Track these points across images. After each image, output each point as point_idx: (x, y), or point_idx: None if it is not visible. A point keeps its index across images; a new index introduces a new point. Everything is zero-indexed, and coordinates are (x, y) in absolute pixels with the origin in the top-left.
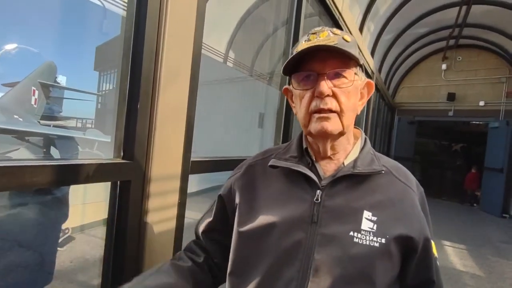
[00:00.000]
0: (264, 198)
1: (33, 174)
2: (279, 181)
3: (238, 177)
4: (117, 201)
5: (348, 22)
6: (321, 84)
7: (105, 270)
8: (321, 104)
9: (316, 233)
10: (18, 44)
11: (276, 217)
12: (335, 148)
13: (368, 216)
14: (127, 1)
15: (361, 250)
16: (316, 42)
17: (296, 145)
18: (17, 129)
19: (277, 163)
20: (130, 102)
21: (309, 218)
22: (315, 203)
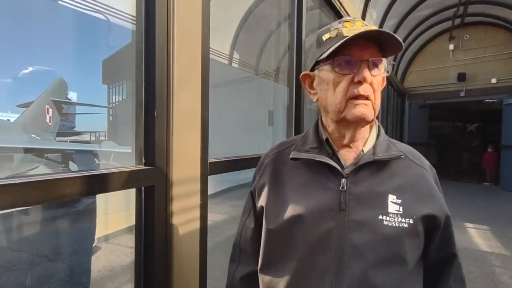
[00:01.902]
0: (289, 192)
1: (65, 186)
2: (302, 173)
3: (260, 177)
4: (143, 206)
5: (350, 11)
6: (365, 70)
7: (137, 273)
8: (361, 90)
9: (346, 220)
10: (31, 64)
11: (304, 209)
12: (357, 136)
13: (393, 200)
14: (136, 14)
15: (391, 231)
16: (358, 29)
17: (313, 136)
18: (35, 147)
19: (298, 155)
20: (147, 110)
21: (337, 206)
22: (341, 191)
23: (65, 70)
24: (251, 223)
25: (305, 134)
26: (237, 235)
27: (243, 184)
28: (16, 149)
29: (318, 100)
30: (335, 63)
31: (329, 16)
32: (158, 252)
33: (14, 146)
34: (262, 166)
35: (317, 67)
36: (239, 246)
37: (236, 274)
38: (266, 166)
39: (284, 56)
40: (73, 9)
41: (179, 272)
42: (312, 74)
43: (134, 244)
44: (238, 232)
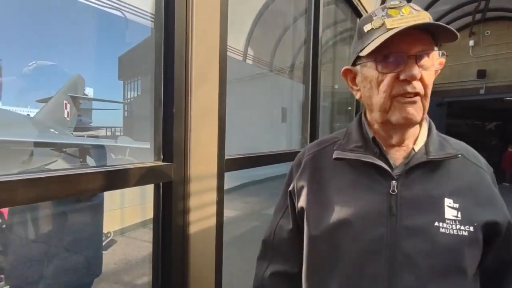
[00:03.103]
0: (332, 194)
1: (87, 181)
2: (346, 174)
3: (298, 177)
4: (161, 202)
5: (368, 7)
6: (410, 66)
7: (155, 267)
8: (408, 87)
9: (398, 226)
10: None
11: (350, 213)
12: (406, 135)
13: (450, 204)
14: (155, 12)
15: (449, 240)
16: (405, 18)
17: (357, 134)
18: (54, 141)
19: (343, 155)
20: (166, 107)
21: (387, 210)
22: (391, 195)
23: (82, 66)
24: (287, 224)
25: (346, 131)
26: (269, 233)
27: (257, 181)
28: (36, 144)
29: (361, 97)
30: (377, 61)
31: (346, 11)
32: (175, 247)
33: (34, 140)
34: (300, 165)
35: (359, 62)
36: (272, 245)
37: (267, 272)
38: (305, 165)
39: (299, 53)
40: (91, 6)
41: (195, 267)
42: (354, 69)
43: (152, 239)
44: (271, 231)
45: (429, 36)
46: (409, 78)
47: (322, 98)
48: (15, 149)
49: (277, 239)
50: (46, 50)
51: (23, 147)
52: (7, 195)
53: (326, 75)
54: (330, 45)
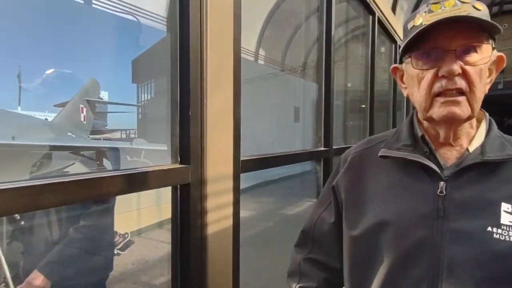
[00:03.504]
0: (375, 194)
1: (108, 184)
2: (391, 173)
3: (342, 173)
4: (179, 204)
5: (379, 3)
6: (449, 61)
7: (173, 268)
8: (448, 84)
9: (445, 229)
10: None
11: (392, 214)
12: (457, 133)
13: (508, 209)
14: (168, 16)
15: (503, 247)
16: (442, 13)
17: (407, 132)
18: (72, 145)
19: (388, 153)
20: (182, 109)
21: (433, 212)
22: (439, 196)
23: (97, 70)
24: (330, 217)
25: (397, 130)
26: (310, 225)
27: (271, 181)
28: (55, 147)
29: (408, 95)
30: (417, 58)
31: (358, 8)
32: (193, 248)
33: (52, 144)
34: (346, 162)
35: (403, 60)
36: (312, 236)
37: (305, 258)
38: (350, 162)
39: (311, 52)
40: (106, 11)
41: (213, 267)
42: (401, 67)
43: (171, 240)
44: (311, 223)
45: (478, 29)
46: (447, 74)
47: (335, 96)
48: (34, 153)
49: (317, 231)
50: (63, 56)
51: (43, 151)
52: (31, 200)
53: (339, 73)
54: (342, 42)
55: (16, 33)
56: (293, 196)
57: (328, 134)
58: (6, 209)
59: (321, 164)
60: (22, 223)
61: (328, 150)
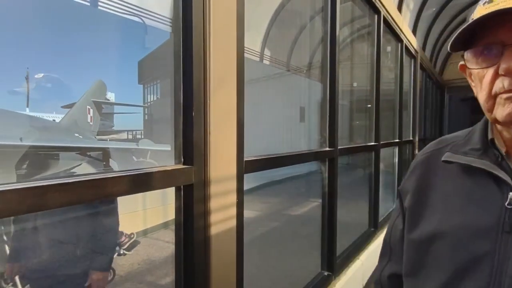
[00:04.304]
0: (437, 200)
1: (113, 184)
2: (456, 180)
3: (408, 176)
4: (183, 204)
5: (385, 2)
6: (508, 57)
7: (177, 269)
8: (509, 84)
9: (511, 245)
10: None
11: (451, 224)
12: None
13: None
14: (173, 16)
15: None
16: (502, 4)
17: (479, 135)
18: (79, 146)
19: (453, 158)
20: (186, 111)
21: (498, 226)
22: (507, 208)
23: (103, 71)
24: (400, 224)
25: (471, 130)
26: (388, 232)
27: (276, 181)
28: (62, 148)
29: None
30: (474, 55)
31: (363, 8)
32: (197, 248)
33: (60, 145)
34: (414, 164)
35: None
36: (389, 244)
37: (385, 271)
38: (417, 165)
39: (316, 52)
40: (112, 13)
41: (217, 268)
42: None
43: (174, 241)
44: (388, 230)
45: None
46: (504, 72)
47: (341, 96)
48: (42, 154)
49: (393, 239)
50: (70, 58)
51: (50, 151)
52: (38, 200)
53: (344, 73)
54: (348, 42)
55: (22, 36)
56: (299, 197)
57: (333, 134)
58: (13, 209)
59: (326, 164)
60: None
61: (333, 150)
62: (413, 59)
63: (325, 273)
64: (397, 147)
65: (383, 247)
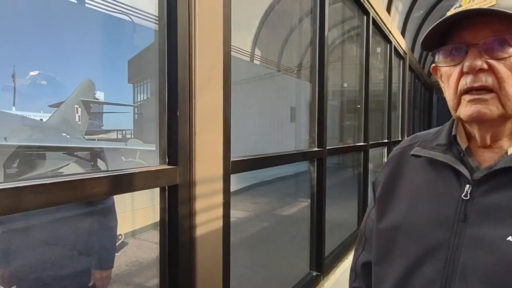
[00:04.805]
0: (404, 192)
1: (93, 185)
2: (423, 173)
3: (381, 170)
4: (167, 205)
5: (374, 3)
6: (471, 56)
7: (162, 270)
8: (472, 81)
9: (464, 233)
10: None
11: (415, 214)
12: (497, 135)
13: None
14: (158, 14)
15: None
16: (468, 6)
17: (446, 132)
18: (66, 145)
19: (420, 152)
20: (170, 110)
21: (455, 216)
22: (463, 200)
23: (92, 70)
24: (373, 214)
25: (441, 128)
26: (363, 223)
27: (266, 181)
28: (49, 148)
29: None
30: (442, 55)
31: (353, 9)
32: (182, 251)
33: (47, 145)
34: (388, 158)
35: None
36: (364, 234)
37: (359, 260)
38: (390, 159)
39: (307, 52)
40: (99, 11)
41: (203, 270)
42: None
43: (159, 242)
44: (363, 220)
45: (509, 20)
46: (468, 70)
47: (331, 97)
48: (28, 154)
49: (367, 229)
50: (57, 56)
51: (36, 151)
52: (12, 202)
53: (335, 74)
54: (338, 43)
55: (7, 33)
56: (289, 197)
57: (322, 134)
58: None
59: (314, 165)
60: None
61: (322, 150)
62: (402, 60)
63: (313, 273)
64: (386, 147)
65: (359, 237)
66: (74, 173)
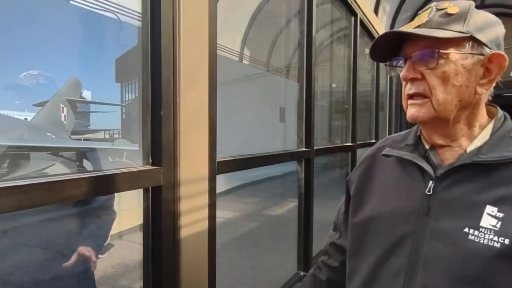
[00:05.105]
0: (376, 189)
1: (71, 187)
2: (392, 171)
3: (356, 169)
4: (150, 207)
5: (362, 5)
6: (405, 67)
7: (145, 272)
8: (409, 89)
9: (426, 226)
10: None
11: (385, 209)
12: (450, 135)
13: (492, 212)
14: (141, 12)
15: (476, 249)
16: (414, 24)
17: (414, 133)
18: (51, 145)
19: (390, 152)
20: (154, 110)
21: (420, 210)
22: (427, 195)
23: (79, 69)
24: (343, 208)
25: (411, 130)
26: (335, 215)
27: (255, 181)
28: (33, 148)
29: None
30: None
31: (341, 10)
32: (166, 253)
33: (30, 144)
34: (362, 159)
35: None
36: (337, 223)
37: (329, 240)
38: (365, 159)
39: (296, 52)
40: (85, 9)
41: (188, 273)
42: None
43: (142, 246)
44: (337, 212)
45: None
46: (402, 79)
47: (320, 97)
48: (11, 154)
49: (338, 220)
50: (42, 53)
51: (20, 151)
52: None
53: (324, 74)
54: (326, 44)
55: None
56: (277, 197)
57: (310, 134)
58: None
59: (302, 165)
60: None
61: (310, 150)
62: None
63: (301, 273)
64: None
65: (334, 227)
66: (52, 174)
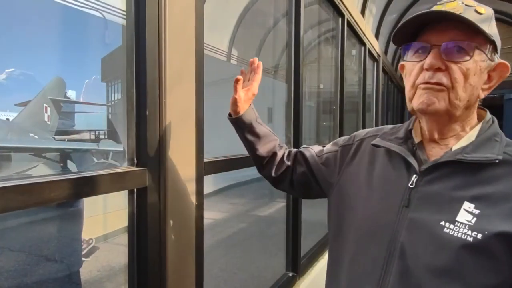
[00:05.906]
0: (365, 178)
1: (52, 189)
2: (380, 163)
3: (348, 149)
4: (136, 209)
5: (349, 6)
6: (432, 55)
7: (130, 275)
8: (429, 77)
9: (406, 217)
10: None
11: (371, 198)
12: (444, 133)
13: (469, 208)
14: (126, 10)
15: (448, 242)
16: (439, 8)
17: (405, 127)
18: (33, 146)
19: (380, 143)
20: (139, 110)
21: (401, 202)
22: (409, 188)
23: (63, 68)
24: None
25: (403, 124)
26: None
27: (243, 182)
28: (14, 148)
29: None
30: (409, 52)
31: (329, 11)
32: (151, 255)
33: (12, 145)
34: (352, 140)
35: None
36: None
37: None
38: (359, 145)
39: (283, 54)
40: (70, 7)
41: (174, 275)
42: (404, 63)
43: (127, 249)
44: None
45: (472, 30)
46: (428, 67)
47: (308, 97)
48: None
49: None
50: (24, 52)
51: (1, 153)
52: None
53: (312, 75)
54: (314, 45)
55: None
56: (266, 197)
57: (298, 135)
58: None
59: None
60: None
61: None
62: (376, 63)
63: (289, 273)
64: None
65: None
66: (30, 176)
